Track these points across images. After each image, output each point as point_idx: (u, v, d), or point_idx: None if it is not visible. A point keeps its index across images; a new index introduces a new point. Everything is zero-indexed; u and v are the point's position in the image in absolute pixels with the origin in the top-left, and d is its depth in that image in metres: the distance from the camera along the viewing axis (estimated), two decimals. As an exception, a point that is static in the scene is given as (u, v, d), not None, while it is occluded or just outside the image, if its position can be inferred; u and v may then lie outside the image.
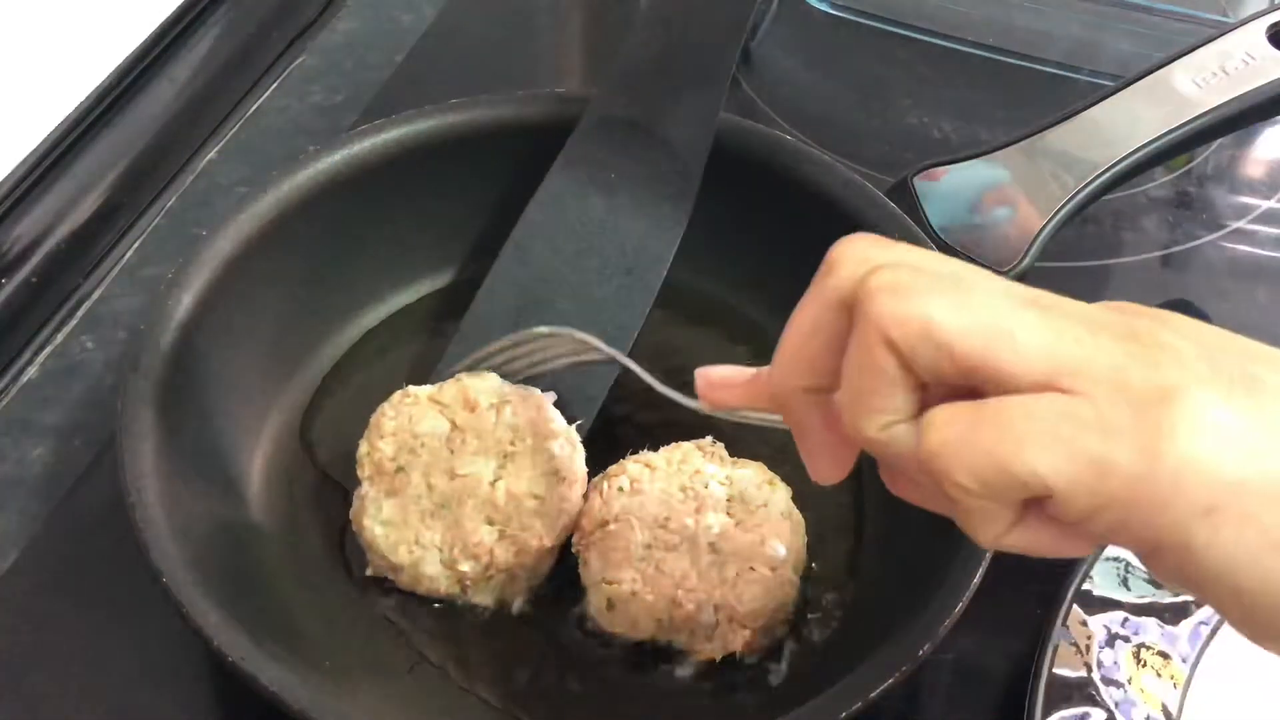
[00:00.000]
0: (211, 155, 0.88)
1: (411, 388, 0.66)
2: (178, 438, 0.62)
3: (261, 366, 0.71)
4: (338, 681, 0.61)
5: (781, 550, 0.64)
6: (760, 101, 0.94)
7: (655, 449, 0.68)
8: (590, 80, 1.01)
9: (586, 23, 1.07)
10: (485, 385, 0.66)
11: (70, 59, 0.84)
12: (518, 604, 0.65)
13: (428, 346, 0.75)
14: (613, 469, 0.67)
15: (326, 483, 0.69)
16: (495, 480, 0.63)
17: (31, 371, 0.76)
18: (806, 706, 0.55)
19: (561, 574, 0.65)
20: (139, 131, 0.87)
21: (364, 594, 0.65)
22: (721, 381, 0.51)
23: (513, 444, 0.64)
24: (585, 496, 0.66)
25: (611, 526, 0.64)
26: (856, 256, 0.44)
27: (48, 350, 0.77)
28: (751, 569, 0.63)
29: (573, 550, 0.65)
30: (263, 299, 0.70)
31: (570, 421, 0.67)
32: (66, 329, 0.78)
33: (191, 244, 0.67)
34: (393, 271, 0.77)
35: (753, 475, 0.66)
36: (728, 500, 0.65)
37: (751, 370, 0.50)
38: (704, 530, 0.64)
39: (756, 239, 0.76)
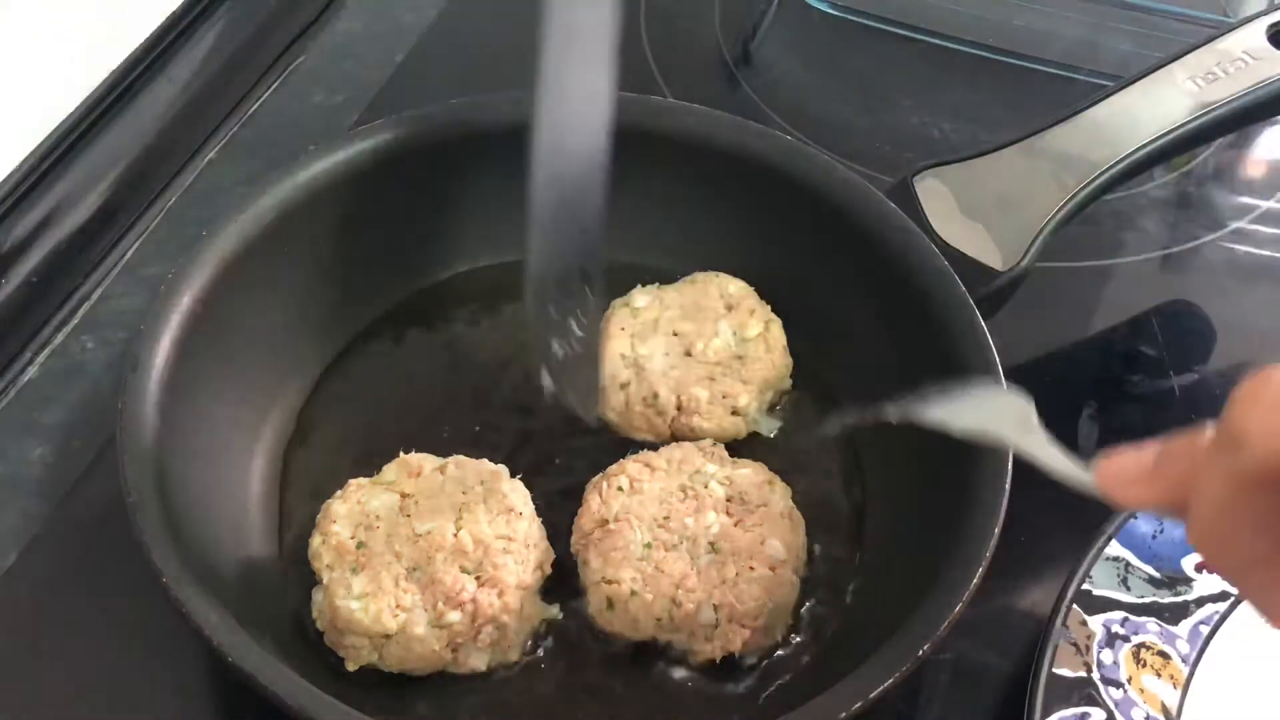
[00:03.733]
0: (211, 155, 0.88)
1: (353, 479, 0.65)
2: (178, 438, 0.62)
3: (262, 365, 0.71)
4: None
5: (781, 550, 0.64)
6: (760, 101, 0.94)
7: (654, 449, 0.68)
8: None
9: (586, 23, 1.07)
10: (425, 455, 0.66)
11: (70, 59, 0.84)
12: (515, 663, 0.63)
13: (427, 345, 0.76)
14: (612, 469, 0.67)
15: (325, 482, 0.68)
16: (458, 531, 0.63)
17: (31, 371, 0.76)
18: (806, 706, 0.55)
19: (557, 630, 0.65)
20: (139, 131, 0.87)
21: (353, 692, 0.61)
22: (1128, 477, 0.45)
23: (464, 494, 0.64)
24: (583, 498, 0.66)
25: (611, 526, 0.64)
26: (1272, 428, 0.38)
27: (48, 350, 0.77)
28: (751, 568, 0.63)
29: (571, 551, 0.65)
30: (263, 299, 0.70)
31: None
32: (66, 329, 0.78)
33: (191, 244, 0.67)
34: (392, 270, 0.77)
35: (752, 475, 0.67)
36: (727, 500, 0.65)
37: (1151, 456, 0.44)
38: (704, 530, 0.64)
39: (756, 239, 0.76)
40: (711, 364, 0.71)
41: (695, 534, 0.64)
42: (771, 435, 0.72)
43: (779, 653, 0.64)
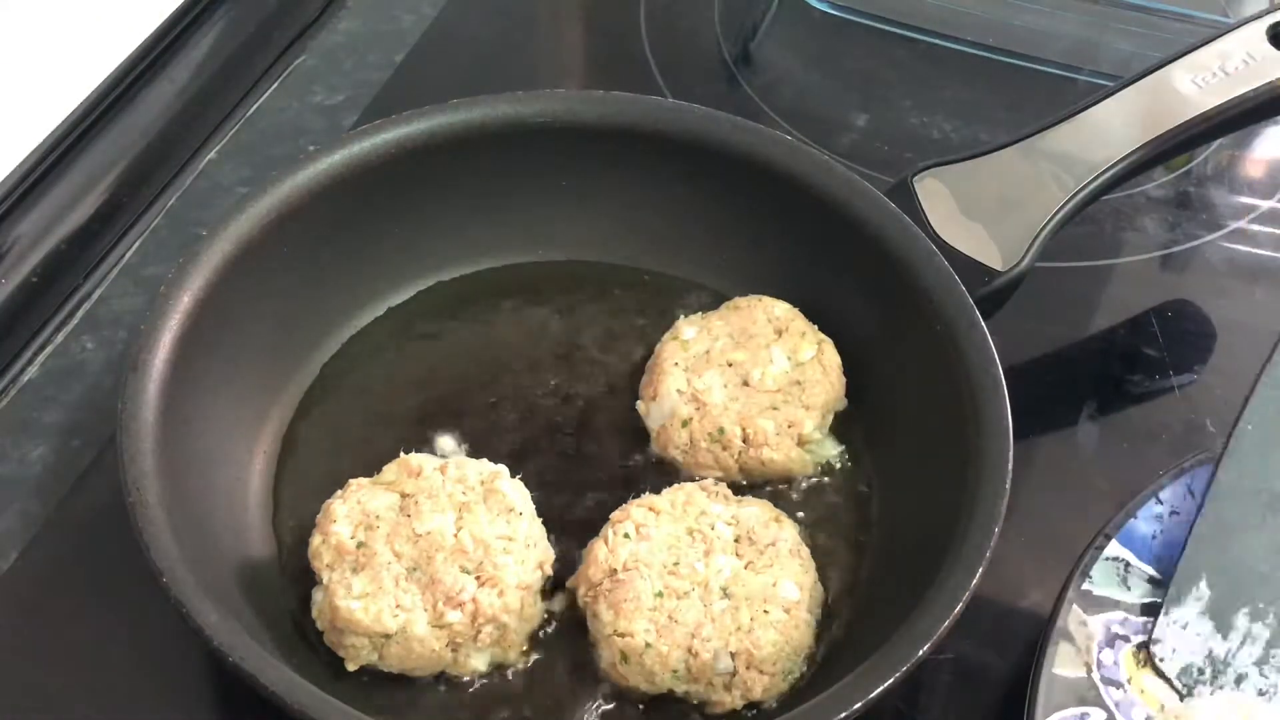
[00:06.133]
0: (211, 155, 0.88)
1: (353, 479, 0.65)
2: (178, 438, 0.62)
3: (261, 365, 0.71)
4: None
5: (795, 591, 0.63)
6: (760, 101, 0.94)
7: (657, 490, 0.67)
8: (590, 80, 1.01)
9: (586, 23, 1.07)
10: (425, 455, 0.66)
11: (70, 59, 0.84)
12: (516, 663, 0.63)
13: (426, 345, 0.76)
14: (616, 515, 0.65)
15: (325, 482, 0.68)
16: (458, 530, 0.62)
17: (31, 371, 0.76)
18: (806, 706, 0.55)
19: (558, 630, 0.64)
20: (139, 131, 0.87)
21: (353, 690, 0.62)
22: None
23: (465, 494, 0.64)
24: (588, 547, 0.65)
25: (620, 576, 0.62)
26: None
27: (48, 350, 0.77)
28: (766, 612, 0.62)
29: (579, 602, 0.64)
30: (262, 299, 0.70)
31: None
32: (66, 329, 0.78)
33: (191, 244, 0.67)
34: (392, 270, 0.77)
35: (759, 513, 0.65)
36: (735, 541, 0.64)
37: None
38: (715, 574, 0.63)
39: (757, 238, 0.76)
40: (772, 392, 0.70)
41: (706, 579, 0.63)
42: (836, 462, 0.71)
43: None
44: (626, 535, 0.64)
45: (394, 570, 0.61)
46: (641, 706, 0.62)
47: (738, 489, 0.68)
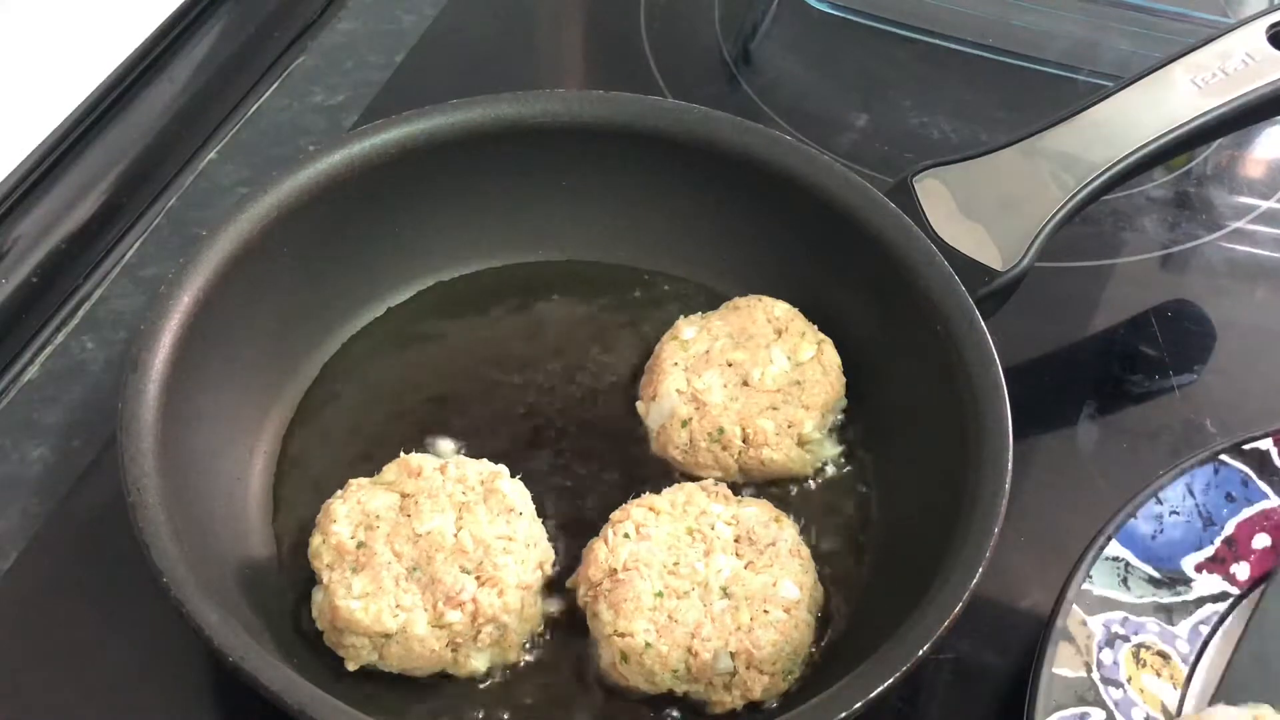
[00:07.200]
0: (211, 155, 0.88)
1: (353, 479, 0.65)
2: (178, 438, 0.62)
3: (261, 365, 0.71)
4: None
5: (795, 591, 0.63)
6: (760, 101, 0.94)
7: (657, 490, 0.67)
8: (590, 80, 1.01)
9: (586, 23, 1.07)
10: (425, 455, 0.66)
11: (70, 59, 0.85)
12: (516, 663, 0.63)
13: (426, 345, 0.76)
14: (616, 515, 0.65)
15: (325, 482, 0.68)
16: (458, 530, 0.62)
17: (31, 371, 0.76)
18: (807, 706, 0.55)
19: (558, 630, 0.64)
20: (139, 131, 0.87)
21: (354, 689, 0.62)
22: None
23: (465, 494, 0.64)
24: (588, 547, 0.65)
25: (620, 576, 0.62)
26: None
27: (48, 350, 0.77)
28: (766, 612, 0.62)
29: (579, 602, 0.64)
30: (262, 299, 0.70)
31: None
32: (66, 329, 0.78)
33: (191, 244, 0.67)
34: (392, 271, 0.77)
35: (759, 513, 0.65)
36: (735, 540, 0.64)
37: None
38: (715, 574, 0.63)
39: (757, 238, 0.76)
40: (771, 392, 0.70)
41: (706, 579, 0.63)
42: (836, 462, 0.71)
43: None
44: (626, 535, 0.64)
45: (394, 570, 0.61)
46: (641, 706, 0.62)
47: (738, 489, 0.68)
